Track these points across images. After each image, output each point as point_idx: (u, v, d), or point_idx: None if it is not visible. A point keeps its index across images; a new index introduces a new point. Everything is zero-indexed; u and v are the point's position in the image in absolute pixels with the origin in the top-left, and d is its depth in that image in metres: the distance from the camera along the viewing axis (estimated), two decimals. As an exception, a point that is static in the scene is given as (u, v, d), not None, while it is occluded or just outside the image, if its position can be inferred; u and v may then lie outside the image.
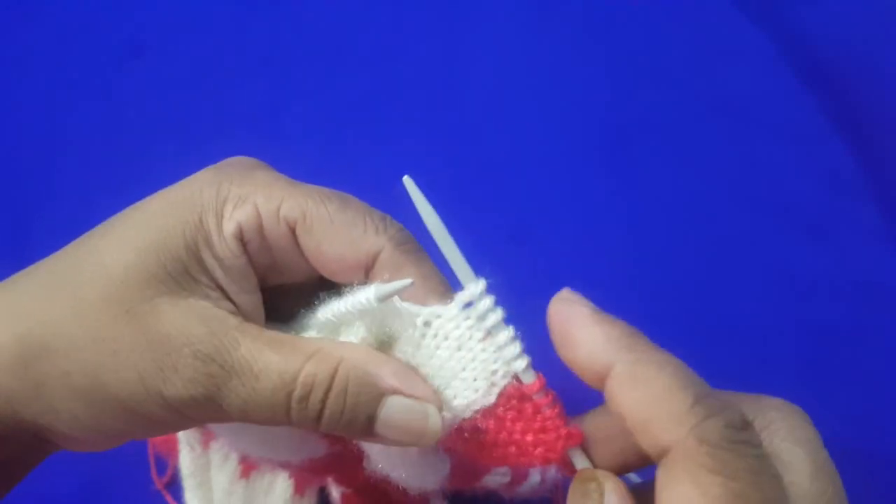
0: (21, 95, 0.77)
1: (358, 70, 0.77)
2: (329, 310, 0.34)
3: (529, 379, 0.32)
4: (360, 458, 0.39)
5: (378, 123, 0.74)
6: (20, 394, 0.32)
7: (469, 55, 0.78)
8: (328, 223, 0.34)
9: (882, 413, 0.59)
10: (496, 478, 0.42)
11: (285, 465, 0.47)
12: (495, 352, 0.32)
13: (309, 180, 0.36)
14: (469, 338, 0.32)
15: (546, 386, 0.32)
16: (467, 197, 0.68)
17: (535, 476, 0.44)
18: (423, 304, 0.34)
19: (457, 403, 0.33)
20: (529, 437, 0.32)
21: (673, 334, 0.32)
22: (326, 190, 0.35)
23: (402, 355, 0.34)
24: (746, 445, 0.27)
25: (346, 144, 0.73)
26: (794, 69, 0.74)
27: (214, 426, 0.43)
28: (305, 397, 0.31)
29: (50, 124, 0.75)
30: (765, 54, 0.76)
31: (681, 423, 0.27)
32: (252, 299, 0.35)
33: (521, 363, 0.32)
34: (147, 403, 0.32)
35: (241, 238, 0.34)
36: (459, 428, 0.33)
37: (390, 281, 0.32)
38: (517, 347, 0.32)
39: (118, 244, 0.33)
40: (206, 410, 0.32)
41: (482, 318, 0.32)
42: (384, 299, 0.32)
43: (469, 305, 0.32)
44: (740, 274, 0.66)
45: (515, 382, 0.32)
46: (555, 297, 0.32)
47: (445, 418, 0.33)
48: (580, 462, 0.32)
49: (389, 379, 0.32)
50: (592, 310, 0.31)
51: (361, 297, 0.32)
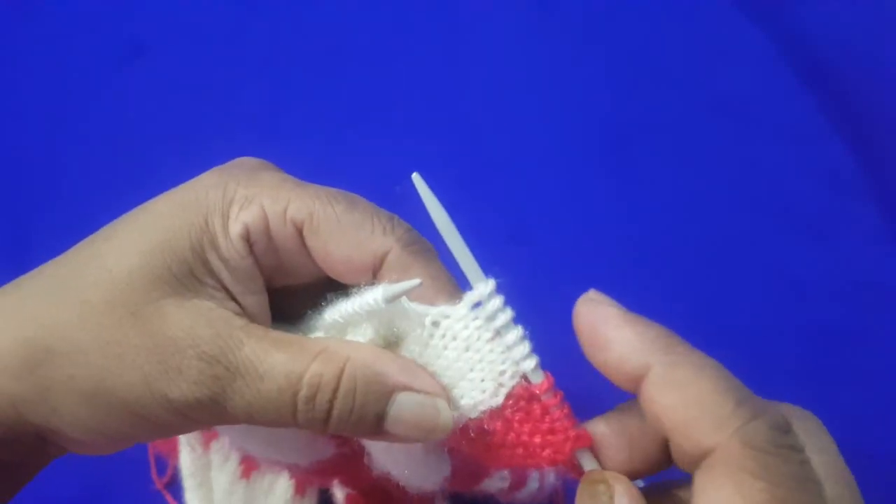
0: (21, 96, 0.76)
1: (358, 71, 0.77)
2: (336, 311, 0.34)
3: (538, 379, 0.32)
4: (367, 458, 0.39)
5: (378, 124, 0.74)
6: (25, 397, 0.31)
7: (469, 55, 0.78)
8: (335, 224, 0.33)
9: (882, 413, 0.59)
10: (495, 482, 0.42)
11: (293, 468, 0.47)
12: (503, 352, 0.32)
13: (309, 180, 0.36)
14: (477, 338, 0.32)
15: (554, 386, 0.32)
16: (467, 197, 0.68)
17: (534, 482, 0.44)
18: (432, 305, 0.33)
19: (464, 403, 0.33)
20: (537, 439, 0.32)
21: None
22: (333, 190, 0.35)
23: (410, 355, 0.33)
24: (791, 450, 0.27)
25: (347, 144, 0.73)
26: (794, 69, 0.75)
27: (222, 427, 0.43)
28: (312, 398, 0.31)
29: (50, 125, 0.75)
30: (765, 54, 0.76)
31: (723, 426, 0.27)
32: (258, 300, 0.35)
33: (531, 363, 0.32)
34: (152, 406, 0.31)
35: (248, 239, 0.33)
36: (465, 428, 0.33)
37: (398, 282, 0.32)
38: (526, 347, 0.32)
39: (123, 247, 0.32)
40: (211, 413, 0.32)
41: (491, 319, 0.32)
42: (392, 300, 0.32)
43: (478, 306, 0.32)
44: (740, 274, 0.66)
45: (523, 383, 0.32)
46: (581, 298, 0.31)
47: (453, 416, 0.32)
48: (588, 464, 0.32)
49: (398, 375, 0.32)
50: (622, 310, 0.30)
51: (369, 298, 0.32)
